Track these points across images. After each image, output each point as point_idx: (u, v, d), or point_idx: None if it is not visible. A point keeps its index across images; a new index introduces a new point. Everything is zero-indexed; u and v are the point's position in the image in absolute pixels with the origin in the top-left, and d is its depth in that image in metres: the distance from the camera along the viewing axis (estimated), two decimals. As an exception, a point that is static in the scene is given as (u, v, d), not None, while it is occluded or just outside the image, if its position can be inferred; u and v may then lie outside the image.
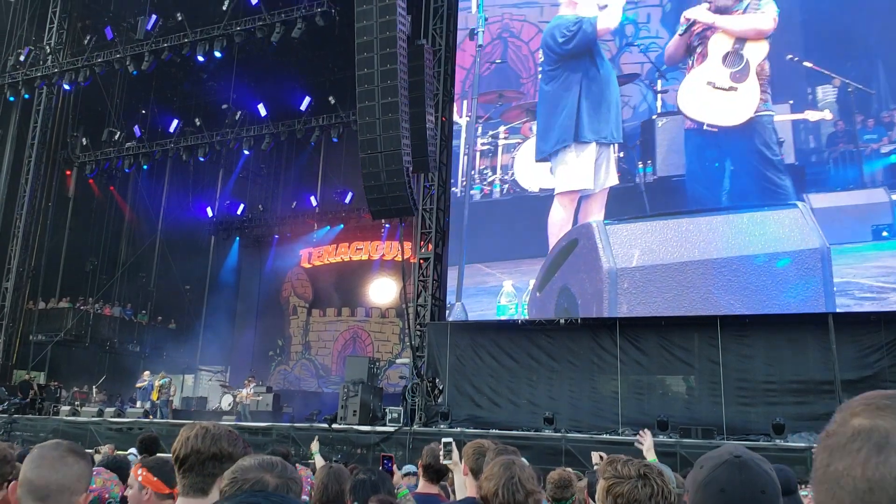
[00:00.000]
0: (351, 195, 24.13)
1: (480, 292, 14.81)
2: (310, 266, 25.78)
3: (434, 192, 15.49)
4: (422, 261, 15.52)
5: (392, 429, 13.37)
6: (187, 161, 23.65)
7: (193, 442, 2.00)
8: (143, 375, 18.73)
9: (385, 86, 12.15)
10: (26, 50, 21.46)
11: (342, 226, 25.00)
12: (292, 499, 1.65)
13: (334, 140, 22.23)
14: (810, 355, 12.18)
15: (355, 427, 13.71)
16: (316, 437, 8.60)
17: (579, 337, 13.96)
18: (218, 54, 19.46)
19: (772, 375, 12.32)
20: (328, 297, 25.42)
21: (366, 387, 14.49)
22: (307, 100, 22.43)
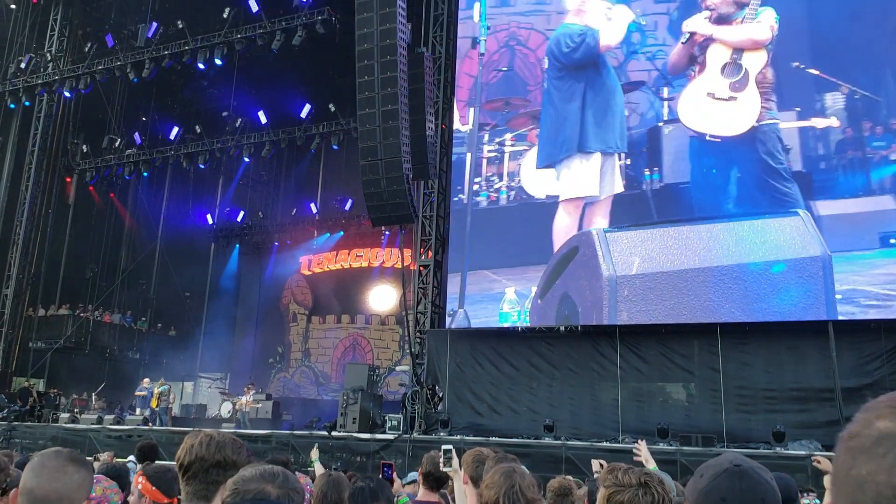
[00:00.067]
0: (351, 202, 24.17)
1: (485, 298, 14.78)
2: (309, 273, 25.76)
3: (434, 199, 15.50)
4: (422, 268, 15.53)
5: (392, 436, 13.33)
6: (187, 168, 23.65)
7: (198, 449, 2.01)
8: (143, 383, 18.70)
9: (385, 93, 12.20)
10: (27, 57, 21.52)
11: (342, 233, 25.00)
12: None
13: (334, 147, 22.24)
14: (810, 363, 12.17)
15: (355, 435, 13.67)
16: (316, 445, 8.56)
17: (579, 344, 13.95)
18: (218, 62, 19.53)
19: (772, 383, 12.30)
20: (328, 305, 25.38)
21: (365, 394, 14.45)
22: (307, 107, 22.45)
